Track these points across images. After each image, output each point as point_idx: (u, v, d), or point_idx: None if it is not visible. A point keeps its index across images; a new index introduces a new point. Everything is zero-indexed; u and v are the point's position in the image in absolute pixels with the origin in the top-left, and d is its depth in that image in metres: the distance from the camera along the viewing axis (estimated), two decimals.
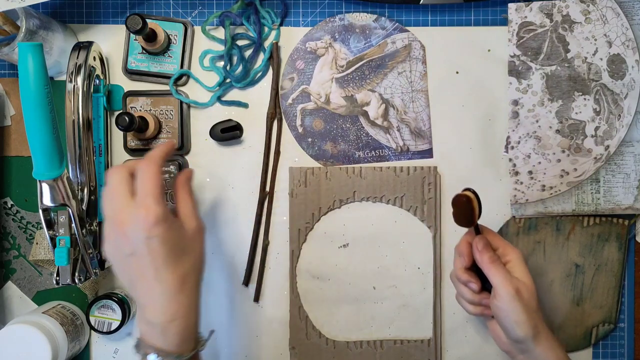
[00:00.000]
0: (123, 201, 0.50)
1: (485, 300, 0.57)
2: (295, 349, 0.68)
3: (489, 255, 0.55)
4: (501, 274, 0.54)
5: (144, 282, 0.50)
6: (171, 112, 0.67)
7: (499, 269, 0.55)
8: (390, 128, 0.68)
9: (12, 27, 0.62)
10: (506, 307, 0.53)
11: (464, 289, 0.58)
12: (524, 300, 0.53)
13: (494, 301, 0.55)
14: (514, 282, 0.54)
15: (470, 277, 0.57)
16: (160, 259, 0.50)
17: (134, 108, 0.67)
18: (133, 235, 0.49)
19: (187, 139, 0.67)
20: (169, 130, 0.67)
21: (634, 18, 0.66)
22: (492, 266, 0.55)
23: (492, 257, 0.55)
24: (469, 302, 0.58)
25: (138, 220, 0.49)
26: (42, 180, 0.55)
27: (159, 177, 0.51)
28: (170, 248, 0.50)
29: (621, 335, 0.70)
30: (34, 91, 0.51)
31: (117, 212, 0.51)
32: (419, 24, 0.68)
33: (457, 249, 0.59)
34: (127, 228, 0.50)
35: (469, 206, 0.54)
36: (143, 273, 0.50)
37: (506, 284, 0.53)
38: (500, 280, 0.54)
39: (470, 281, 0.56)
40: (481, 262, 0.55)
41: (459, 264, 0.58)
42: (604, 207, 0.67)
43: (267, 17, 0.67)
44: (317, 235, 0.68)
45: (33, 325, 0.60)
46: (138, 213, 0.49)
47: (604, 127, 0.67)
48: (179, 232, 0.52)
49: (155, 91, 0.67)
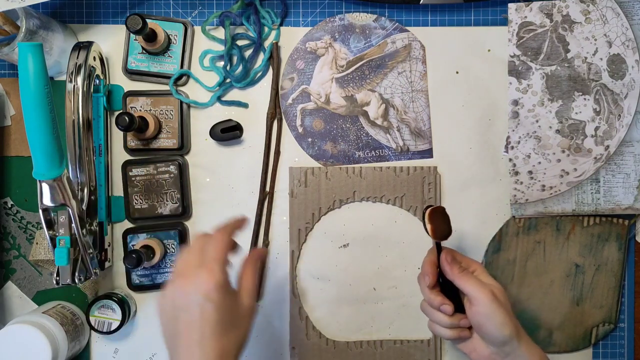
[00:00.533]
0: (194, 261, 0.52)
1: (463, 321, 0.57)
2: (295, 349, 0.68)
3: (458, 267, 0.57)
4: (474, 281, 0.56)
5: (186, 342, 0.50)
6: (171, 112, 0.67)
7: (471, 277, 0.56)
8: (390, 128, 0.68)
9: (12, 27, 0.62)
10: (487, 311, 0.54)
11: (438, 314, 0.58)
12: (501, 302, 0.55)
13: (473, 309, 0.55)
14: (487, 286, 0.55)
15: (443, 299, 0.57)
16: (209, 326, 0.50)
17: (134, 108, 0.67)
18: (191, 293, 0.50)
19: (187, 139, 0.67)
20: (169, 130, 0.67)
21: (634, 18, 0.66)
22: (463, 275, 0.56)
23: (461, 268, 0.57)
24: (445, 326, 0.58)
25: (200, 280, 0.50)
26: (42, 180, 0.55)
27: (228, 247, 0.53)
28: (222, 318, 0.50)
29: (621, 335, 0.70)
30: (34, 91, 0.51)
31: (184, 267, 0.52)
32: (419, 24, 0.68)
33: (422, 271, 0.59)
34: (188, 283, 0.50)
35: (446, 217, 0.57)
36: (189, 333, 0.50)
37: (482, 289, 0.55)
38: (474, 287, 0.55)
39: (444, 303, 0.57)
40: (452, 275, 0.57)
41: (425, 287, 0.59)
42: (604, 207, 0.67)
43: (267, 17, 0.67)
44: (317, 235, 0.68)
45: (33, 325, 0.60)
46: (201, 273, 0.50)
47: (604, 127, 0.67)
48: (234, 305, 0.52)
49: (155, 91, 0.67)
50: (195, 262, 0.51)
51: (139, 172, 0.67)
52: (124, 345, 0.69)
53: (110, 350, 0.69)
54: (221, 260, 0.52)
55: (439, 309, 0.57)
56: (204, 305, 0.49)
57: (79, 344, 0.67)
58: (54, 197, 0.56)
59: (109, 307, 0.65)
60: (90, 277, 0.61)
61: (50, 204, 0.56)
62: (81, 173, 0.61)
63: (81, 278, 0.60)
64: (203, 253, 0.52)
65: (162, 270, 0.67)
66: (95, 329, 0.65)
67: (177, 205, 0.67)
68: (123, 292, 0.68)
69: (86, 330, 0.68)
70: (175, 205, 0.67)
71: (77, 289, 0.69)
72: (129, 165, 0.67)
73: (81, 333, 0.66)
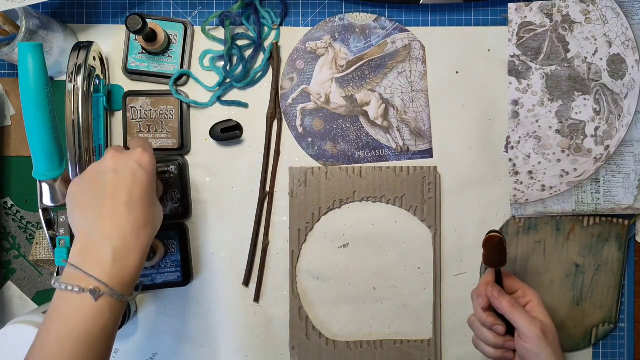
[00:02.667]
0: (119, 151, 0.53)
1: (509, 343, 0.57)
2: (295, 349, 0.68)
3: (507, 300, 0.56)
4: (525, 316, 0.55)
5: (113, 202, 0.49)
6: (171, 112, 0.67)
7: (522, 312, 0.55)
8: (390, 128, 0.68)
9: (12, 27, 0.62)
10: (535, 349, 0.54)
11: (487, 333, 0.58)
12: (549, 341, 0.54)
13: (521, 343, 0.55)
14: (537, 323, 0.55)
15: (496, 320, 0.57)
16: (138, 190, 0.50)
17: (134, 108, 0.67)
18: (125, 159, 0.51)
19: (187, 139, 0.67)
20: (169, 130, 0.67)
21: (634, 18, 0.66)
22: (514, 309, 0.55)
23: (511, 301, 0.56)
24: (492, 345, 0.58)
25: (134, 153, 0.52)
26: (42, 180, 0.55)
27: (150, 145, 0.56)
28: (149, 190, 0.51)
29: (621, 335, 0.70)
30: (34, 91, 0.51)
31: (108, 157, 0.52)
32: (419, 24, 0.68)
33: (476, 292, 0.59)
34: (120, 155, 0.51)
35: (501, 246, 0.56)
36: (115, 194, 0.49)
37: (532, 326, 0.54)
38: (525, 322, 0.54)
39: (497, 324, 0.57)
40: (501, 308, 0.56)
41: (478, 306, 0.59)
42: (604, 207, 0.67)
43: (267, 17, 0.67)
44: (317, 235, 0.68)
45: (33, 325, 0.60)
46: (134, 152, 0.52)
47: (604, 127, 0.67)
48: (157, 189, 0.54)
49: (155, 91, 0.67)
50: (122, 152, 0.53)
51: None
52: (124, 345, 0.69)
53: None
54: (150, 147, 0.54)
55: (490, 328, 0.57)
56: (136, 171, 0.50)
57: None
58: (54, 197, 0.56)
59: None
60: None
61: (50, 204, 0.56)
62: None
63: None
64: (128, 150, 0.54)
65: (162, 270, 0.67)
66: None
67: (177, 205, 0.67)
68: None
69: None
70: (175, 205, 0.67)
71: None
72: None
73: None
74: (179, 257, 0.67)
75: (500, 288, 0.57)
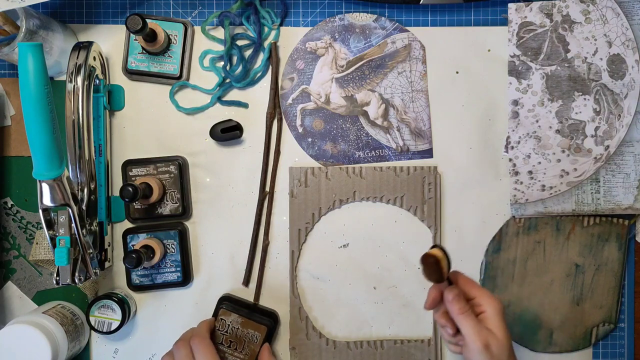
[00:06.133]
0: None
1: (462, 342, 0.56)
2: (295, 349, 0.68)
3: (458, 307, 0.54)
4: (470, 326, 0.53)
5: None
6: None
7: (469, 321, 0.53)
8: (390, 128, 0.68)
9: (12, 27, 0.62)
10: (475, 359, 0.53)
11: (442, 330, 0.58)
12: (491, 355, 0.52)
13: (464, 350, 0.54)
14: (483, 335, 0.52)
15: (447, 321, 0.56)
16: None
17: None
18: None
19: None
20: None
21: (634, 18, 0.66)
22: (461, 317, 0.53)
23: (462, 309, 0.54)
24: (448, 342, 0.58)
25: None
26: (42, 180, 0.55)
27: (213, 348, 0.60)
28: None
29: (621, 335, 0.70)
30: (34, 91, 0.51)
31: None
32: (419, 24, 0.68)
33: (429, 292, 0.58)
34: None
35: (438, 267, 0.53)
36: None
37: (475, 337, 0.52)
38: (469, 332, 0.53)
39: (446, 326, 0.56)
40: (451, 313, 0.54)
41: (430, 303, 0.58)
42: (604, 207, 0.67)
43: (267, 17, 0.67)
44: (317, 235, 0.68)
45: (33, 325, 0.60)
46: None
47: (604, 127, 0.67)
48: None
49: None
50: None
51: (139, 172, 0.67)
52: (124, 345, 0.69)
53: (110, 351, 0.69)
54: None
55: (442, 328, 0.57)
56: None
57: (79, 344, 0.67)
58: (54, 197, 0.56)
59: (109, 307, 0.65)
60: (90, 277, 0.61)
61: (50, 204, 0.56)
62: (81, 173, 0.61)
63: (81, 278, 0.60)
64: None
65: (162, 270, 0.67)
66: (95, 329, 0.65)
67: (177, 205, 0.67)
68: (123, 292, 0.68)
69: (86, 330, 0.68)
70: (175, 205, 0.67)
71: (77, 289, 0.69)
72: (129, 165, 0.67)
73: (81, 333, 0.66)
74: (178, 257, 0.67)
75: (458, 292, 0.55)
